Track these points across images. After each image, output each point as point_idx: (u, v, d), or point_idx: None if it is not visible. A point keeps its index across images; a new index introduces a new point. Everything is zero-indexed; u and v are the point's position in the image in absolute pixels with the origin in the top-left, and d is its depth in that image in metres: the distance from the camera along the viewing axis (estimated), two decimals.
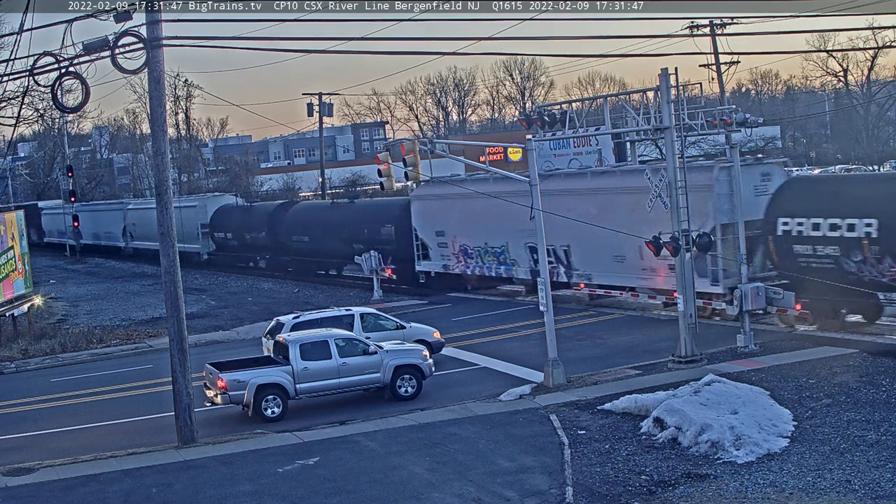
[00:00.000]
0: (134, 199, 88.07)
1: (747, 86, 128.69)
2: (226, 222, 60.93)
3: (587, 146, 47.59)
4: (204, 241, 63.00)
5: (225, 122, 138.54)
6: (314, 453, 19.83)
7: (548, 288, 24.71)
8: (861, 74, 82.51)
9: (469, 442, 19.89)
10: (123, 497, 18.06)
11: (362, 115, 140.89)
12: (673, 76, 25.07)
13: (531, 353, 27.57)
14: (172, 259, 21.33)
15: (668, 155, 25.42)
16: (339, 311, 29.46)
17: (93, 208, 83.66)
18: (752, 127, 27.40)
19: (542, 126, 27.35)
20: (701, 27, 54.08)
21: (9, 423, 25.18)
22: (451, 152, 29.48)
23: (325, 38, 34.73)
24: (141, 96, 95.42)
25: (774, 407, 19.82)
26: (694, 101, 30.11)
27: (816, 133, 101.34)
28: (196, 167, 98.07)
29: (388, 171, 26.02)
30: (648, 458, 18.07)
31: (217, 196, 67.26)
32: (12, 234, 38.14)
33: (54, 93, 20.48)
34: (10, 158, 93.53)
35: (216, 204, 63.08)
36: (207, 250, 63.19)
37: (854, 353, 24.45)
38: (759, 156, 41.84)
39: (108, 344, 36.33)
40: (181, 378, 21.29)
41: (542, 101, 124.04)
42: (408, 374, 24.52)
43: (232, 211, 61.10)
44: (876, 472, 16.26)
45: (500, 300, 39.74)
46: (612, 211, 32.37)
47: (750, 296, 26.07)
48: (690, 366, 24.58)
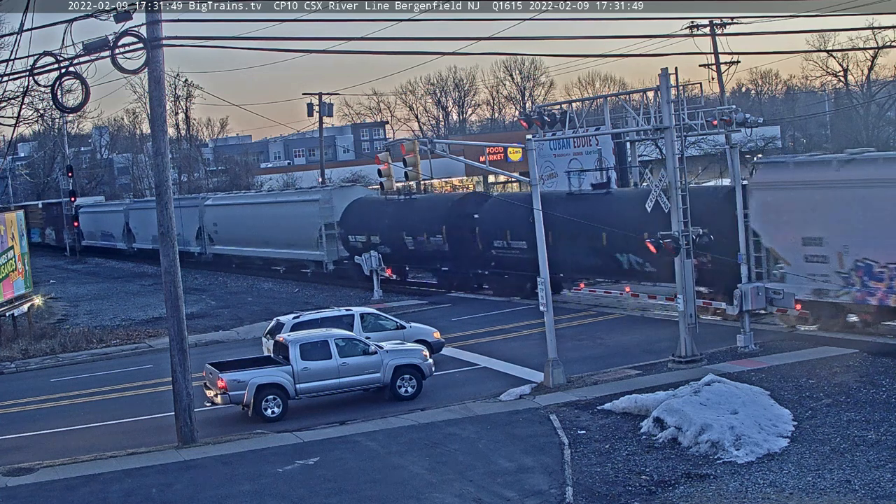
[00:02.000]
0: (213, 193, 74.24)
1: (747, 86, 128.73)
2: (366, 221, 46.47)
3: (587, 146, 47.59)
4: (329, 246, 48.83)
5: (225, 122, 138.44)
6: (314, 453, 19.83)
7: (548, 288, 24.71)
8: (861, 74, 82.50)
9: (469, 442, 19.89)
10: (123, 497, 18.06)
11: (362, 115, 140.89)
12: (673, 76, 25.08)
13: (531, 353, 27.57)
14: (172, 259, 21.35)
15: (668, 155, 25.42)
16: (339, 311, 29.47)
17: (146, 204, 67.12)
18: (752, 127, 27.41)
19: (542, 126, 27.35)
20: (701, 27, 54.01)
21: (9, 423, 25.18)
22: (451, 152, 29.53)
23: (325, 38, 34.71)
24: (141, 96, 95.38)
25: (774, 407, 19.83)
26: (694, 101, 30.10)
27: (816, 133, 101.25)
28: (196, 167, 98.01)
29: (389, 171, 26.07)
30: (648, 458, 18.07)
31: (347, 187, 53.78)
32: (12, 234, 38.14)
33: (54, 93, 20.49)
34: (10, 158, 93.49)
35: (347, 197, 48.74)
36: (333, 259, 48.98)
37: (854, 353, 24.45)
38: (758, 155, 41.87)
39: (108, 344, 36.33)
40: (181, 378, 21.29)
41: (542, 101, 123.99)
42: (408, 374, 24.52)
43: (376, 206, 46.39)
44: (876, 472, 16.26)
45: (500, 300, 39.55)
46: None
47: (750, 296, 26.07)
48: (690, 366, 24.58)
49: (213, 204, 61.87)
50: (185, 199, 66.35)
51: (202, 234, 61.63)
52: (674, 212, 25.17)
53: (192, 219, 61.84)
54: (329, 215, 48.65)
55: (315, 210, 49.53)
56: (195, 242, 62.29)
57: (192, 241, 62.33)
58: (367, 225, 46.08)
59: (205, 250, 61.80)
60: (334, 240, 48.42)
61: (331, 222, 48.49)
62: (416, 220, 42.86)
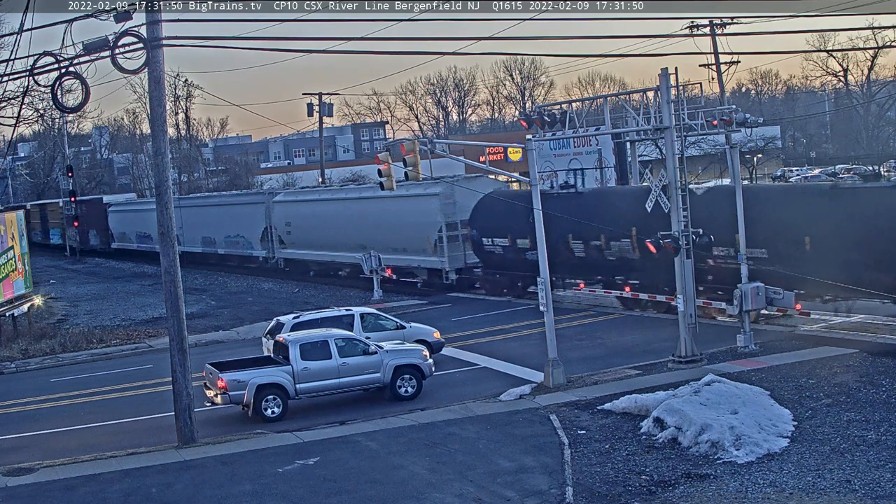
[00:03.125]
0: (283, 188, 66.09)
1: (747, 86, 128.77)
2: (506, 219, 36.79)
3: (587, 146, 47.67)
4: (453, 251, 41.00)
5: (225, 122, 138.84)
6: (314, 453, 19.82)
7: (548, 288, 24.72)
8: (861, 74, 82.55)
9: (469, 442, 19.89)
10: (123, 497, 18.05)
11: (362, 115, 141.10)
12: (673, 76, 25.08)
13: (531, 353, 27.56)
14: (172, 259, 21.33)
15: (668, 155, 25.42)
16: (339, 311, 29.46)
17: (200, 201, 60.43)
18: (752, 127, 27.41)
19: (542, 126, 27.35)
20: (701, 27, 54.04)
21: (9, 423, 25.18)
22: (451, 152, 29.51)
23: (325, 38, 34.70)
24: (141, 96, 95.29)
25: (774, 407, 19.82)
26: (694, 101, 30.10)
27: (816, 133, 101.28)
28: (196, 167, 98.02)
29: (389, 171, 26.05)
30: (648, 458, 18.07)
31: (472, 178, 42.76)
32: (12, 234, 38.16)
33: (54, 93, 20.49)
34: (10, 158, 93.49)
35: (477, 191, 38.30)
36: (458, 266, 41.25)
37: (854, 353, 24.45)
38: (758, 155, 41.86)
39: (108, 344, 36.32)
40: (181, 378, 21.29)
41: (542, 101, 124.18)
42: (408, 374, 24.51)
43: (521, 200, 34.09)
44: (876, 472, 16.26)
45: (500, 300, 39.59)
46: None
47: (750, 296, 26.07)
48: (690, 366, 24.58)
49: (286, 200, 53.64)
50: (245, 195, 60.86)
51: (269, 235, 53.97)
52: (674, 212, 25.17)
53: (257, 218, 54.67)
54: (452, 213, 40.86)
55: (434, 206, 41.25)
56: (259, 245, 55.22)
57: (256, 243, 55.52)
58: (507, 224, 36.90)
59: (272, 254, 54.40)
60: (459, 242, 40.88)
61: (453, 221, 40.92)
62: (603, 218, 32.28)
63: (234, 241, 56.88)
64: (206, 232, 59.65)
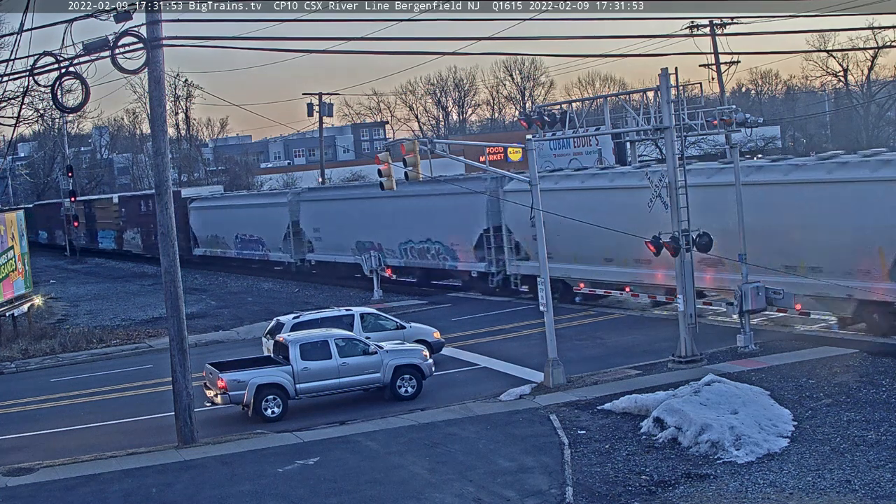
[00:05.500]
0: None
1: (747, 86, 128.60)
2: None
3: (587, 146, 47.68)
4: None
5: (225, 122, 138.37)
6: (314, 453, 19.83)
7: (548, 288, 24.71)
8: (861, 74, 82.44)
9: (469, 442, 19.89)
10: (123, 497, 18.06)
11: (362, 115, 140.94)
12: (673, 76, 25.05)
13: (531, 353, 27.56)
14: (172, 259, 21.33)
15: (668, 155, 25.41)
16: (339, 311, 29.47)
17: (339, 194, 50.71)
18: (752, 127, 27.40)
19: (542, 126, 27.35)
20: (701, 27, 54.09)
21: (9, 423, 25.19)
22: (451, 152, 29.49)
23: (325, 38, 34.71)
24: (141, 96, 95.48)
25: (774, 407, 19.82)
26: (694, 101, 30.11)
27: (816, 133, 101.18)
28: (196, 167, 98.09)
29: (389, 171, 26.03)
30: (648, 458, 18.07)
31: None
32: (12, 234, 38.18)
33: (54, 93, 20.50)
34: (10, 158, 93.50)
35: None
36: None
37: (854, 353, 24.45)
38: (758, 156, 41.86)
39: (108, 344, 36.34)
40: (181, 378, 21.30)
41: (542, 101, 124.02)
42: (408, 374, 24.52)
43: None
44: (876, 472, 16.26)
45: (500, 300, 39.62)
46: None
47: (750, 296, 26.06)
48: (690, 366, 24.57)
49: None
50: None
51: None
52: (673, 212, 25.17)
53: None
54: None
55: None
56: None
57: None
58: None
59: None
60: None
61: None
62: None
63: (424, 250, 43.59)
64: (360, 237, 46.76)
